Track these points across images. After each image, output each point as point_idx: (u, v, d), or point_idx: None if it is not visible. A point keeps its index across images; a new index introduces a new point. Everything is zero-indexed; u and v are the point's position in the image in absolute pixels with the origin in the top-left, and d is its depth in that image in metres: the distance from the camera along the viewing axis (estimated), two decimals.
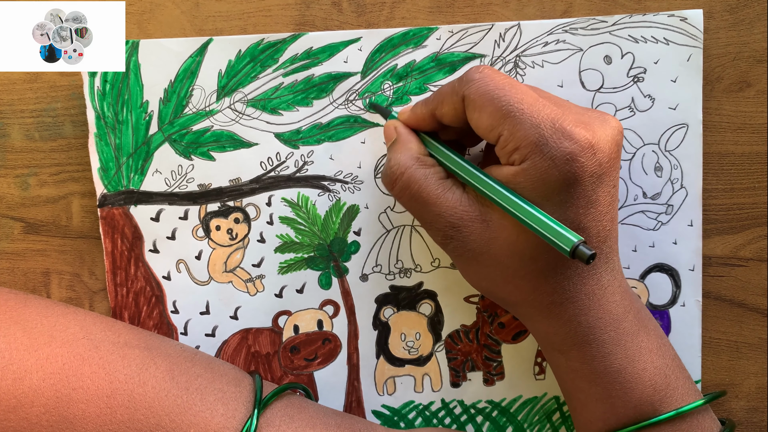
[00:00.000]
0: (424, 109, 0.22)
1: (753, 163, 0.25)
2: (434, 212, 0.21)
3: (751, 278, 0.26)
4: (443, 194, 0.21)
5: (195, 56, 0.24)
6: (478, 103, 0.20)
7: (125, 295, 0.25)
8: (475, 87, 0.20)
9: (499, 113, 0.19)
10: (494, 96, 0.19)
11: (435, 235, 0.21)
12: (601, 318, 0.20)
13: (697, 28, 0.24)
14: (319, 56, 0.24)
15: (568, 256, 0.18)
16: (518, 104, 0.19)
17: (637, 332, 0.21)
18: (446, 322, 0.26)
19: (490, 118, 0.20)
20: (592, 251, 0.17)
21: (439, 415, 0.26)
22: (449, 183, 0.21)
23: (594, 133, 0.19)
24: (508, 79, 0.20)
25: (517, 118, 0.19)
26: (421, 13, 0.25)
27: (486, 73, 0.20)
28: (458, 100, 0.20)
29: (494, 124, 0.20)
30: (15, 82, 0.25)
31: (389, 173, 0.21)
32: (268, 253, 0.25)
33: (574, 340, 0.21)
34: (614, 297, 0.21)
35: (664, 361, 0.21)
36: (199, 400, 0.21)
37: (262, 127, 0.25)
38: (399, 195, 0.21)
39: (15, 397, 0.20)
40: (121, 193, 0.25)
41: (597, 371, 0.21)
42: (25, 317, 0.22)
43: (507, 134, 0.19)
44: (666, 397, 0.20)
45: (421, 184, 0.21)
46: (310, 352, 0.26)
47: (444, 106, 0.21)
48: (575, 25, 0.24)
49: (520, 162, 0.19)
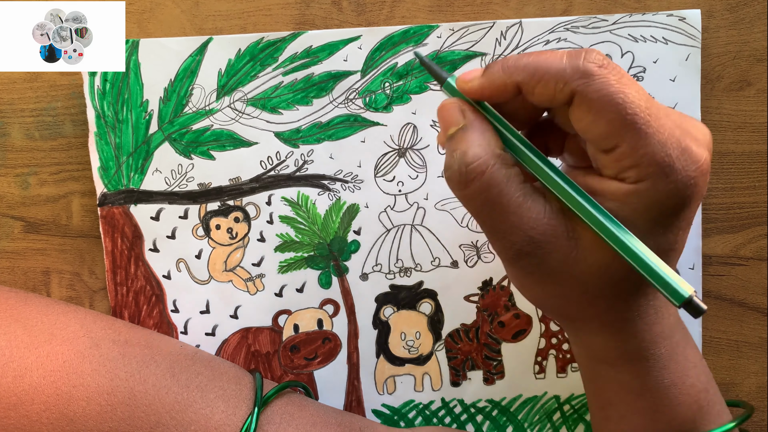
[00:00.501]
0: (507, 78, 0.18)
1: (753, 162, 0.26)
2: (512, 223, 0.18)
3: (752, 277, 0.26)
4: (525, 203, 0.17)
5: (195, 55, 0.24)
6: (596, 105, 0.16)
7: (125, 294, 0.26)
8: (595, 86, 0.16)
9: (620, 122, 0.16)
10: (618, 101, 0.16)
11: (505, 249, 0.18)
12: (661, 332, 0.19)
13: (695, 28, 0.24)
14: (319, 55, 0.25)
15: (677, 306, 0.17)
16: (645, 115, 0.16)
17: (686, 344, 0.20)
18: (446, 321, 0.26)
19: (608, 126, 0.17)
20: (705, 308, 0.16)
21: (439, 415, 0.26)
22: (530, 188, 0.18)
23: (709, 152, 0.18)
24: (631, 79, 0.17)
25: (642, 132, 0.16)
26: (421, 11, 0.25)
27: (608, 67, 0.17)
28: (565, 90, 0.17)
29: (612, 133, 0.17)
30: (15, 81, 0.25)
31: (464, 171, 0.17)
32: (268, 253, 0.26)
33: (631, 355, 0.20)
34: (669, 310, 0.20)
35: (706, 377, 0.20)
36: (199, 398, 0.21)
37: (262, 126, 0.25)
38: (471, 197, 0.18)
39: (15, 395, 0.20)
40: (121, 192, 0.25)
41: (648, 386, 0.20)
42: (26, 315, 0.22)
43: (626, 148, 0.17)
44: (707, 415, 0.20)
45: (502, 188, 0.17)
46: (310, 351, 0.26)
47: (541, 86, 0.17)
48: (576, 24, 0.25)
49: (635, 181, 0.17)
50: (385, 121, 0.25)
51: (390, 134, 0.25)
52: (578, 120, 0.17)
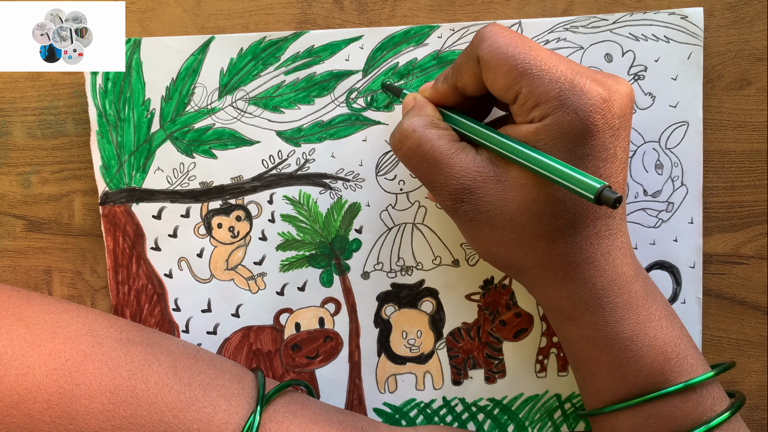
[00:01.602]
0: (446, 84, 0.22)
1: (753, 161, 0.26)
2: (446, 173, 0.20)
3: (752, 276, 0.26)
4: (456, 154, 0.20)
5: (197, 54, 0.25)
6: (493, 63, 0.19)
7: (127, 293, 0.26)
8: (487, 47, 0.20)
9: (515, 71, 0.19)
10: (508, 54, 0.19)
11: (445, 199, 0.21)
12: (614, 280, 0.20)
13: (697, 26, 0.25)
14: (321, 54, 0.25)
15: (593, 201, 0.18)
16: (534, 61, 0.19)
17: (646, 297, 0.21)
18: (447, 319, 0.26)
19: (506, 78, 0.19)
20: (618, 194, 0.17)
21: (440, 413, 0.27)
22: (461, 144, 0.21)
23: (608, 89, 0.20)
24: (518, 35, 0.20)
25: (534, 75, 0.19)
26: (422, 11, 0.25)
27: (496, 30, 0.20)
28: (475, 65, 0.20)
29: (511, 83, 0.19)
30: (17, 80, 0.25)
31: (399, 132, 0.21)
32: (270, 251, 0.26)
33: (587, 305, 0.21)
34: (626, 259, 0.21)
35: (673, 329, 0.21)
36: (201, 396, 0.21)
37: (263, 125, 0.25)
38: (408, 155, 0.21)
39: (18, 393, 0.21)
40: (123, 190, 0.25)
41: (608, 338, 0.21)
42: (28, 314, 0.22)
43: (526, 92, 0.19)
44: (676, 367, 0.20)
45: (432, 143, 0.20)
46: (312, 349, 0.26)
47: (464, 75, 0.21)
48: (576, 23, 0.25)
49: (540, 119, 0.19)
50: (386, 120, 0.26)
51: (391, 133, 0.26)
52: (487, 81, 0.20)
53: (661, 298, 0.22)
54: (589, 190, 0.18)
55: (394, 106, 0.26)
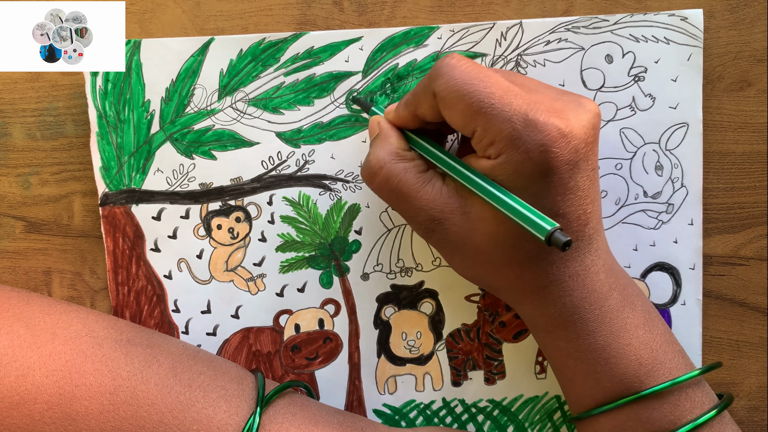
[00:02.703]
0: (406, 111, 0.22)
1: (753, 162, 0.26)
2: (415, 205, 0.21)
3: (752, 277, 0.27)
4: (422, 187, 0.21)
5: (196, 55, 0.25)
6: (448, 100, 0.20)
7: (126, 294, 0.26)
8: (443, 83, 0.20)
9: (470, 110, 0.20)
10: (463, 92, 0.20)
11: (417, 228, 0.22)
12: (585, 298, 0.21)
13: (697, 28, 0.25)
14: (321, 55, 0.25)
15: (545, 243, 0.18)
16: (488, 99, 0.19)
17: (621, 308, 0.21)
18: (447, 321, 0.27)
19: (462, 115, 0.20)
20: (567, 238, 0.18)
21: (440, 414, 0.27)
22: (429, 176, 0.22)
23: (567, 121, 0.20)
24: (476, 68, 0.20)
25: (488, 114, 0.19)
26: (422, 12, 0.26)
27: (452, 64, 0.20)
28: (432, 98, 0.21)
29: (466, 122, 0.20)
30: (17, 81, 0.26)
31: (368, 168, 0.22)
32: (270, 252, 0.26)
33: (558, 321, 0.21)
34: (598, 276, 0.21)
35: (651, 336, 0.21)
36: (201, 397, 0.22)
37: (263, 126, 0.26)
38: (379, 189, 0.22)
39: (18, 394, 0.21)
40: (123, 192, 0.26)
41: (581, 349, 0.21)
42: (28, 315, 0.23)
43: (480, 131, 0.20)
44: (653, 371, 0.21)
45: (400, 178, 0.21)
46: (311, 351, 0.27)
47: (421, 106, 0.21)
48: (577, 24, 0.25)
49: (496, 156, 0.20)
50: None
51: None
52: (445, 116, 0.21)
53: (642, 305, 0.22)
54: (541, 231, 0.18)
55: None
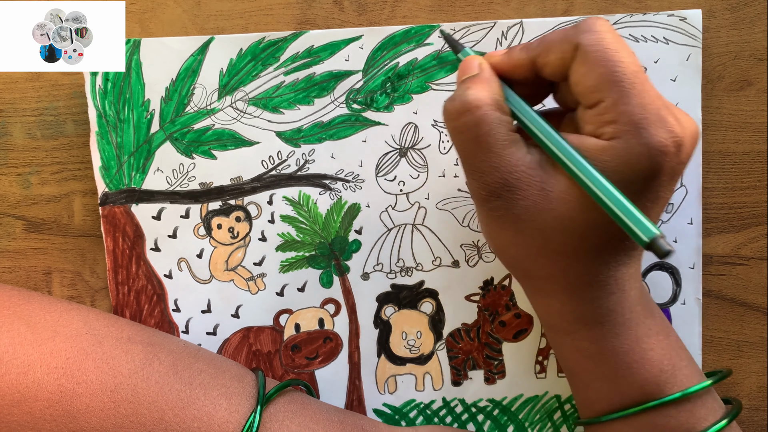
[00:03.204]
0: (523, 55, 0.20)
1: (753, 162, 0.27)
2: (492, 163, 0.20)
3: (752, 277, 0.27)
4: (509, 147, 0.20)
5: (196, 55, 0.26)
6: (591, 57, 0.19)
7: (126, 294, 0.27)
8: (594, 38, 0.19)
9: (609, 77, 0.18)
10: (611, 58, 0.18)
11: (480, 188, 0.20)
12: (619, 302, 0.21)
13: (696, 28, 0.26)
14: (321, 55, 0.26)
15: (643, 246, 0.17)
16: (633, 76, 0.18)
17: (646, 315, 0.21)
18: (447, 320, 0.27)
19: (597, 79, 0.19)
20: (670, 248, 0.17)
21: (440, 414, 0.28)
22: (517, 137, 0.20)
23: (685, 131, 0.19)
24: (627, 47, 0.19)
25: (626, 91, 0.18)
26: (422, 11, 0.26)
27: (608, 27, 0.19)
28: (570, 49, 0.19)
29: (599, 87, 0.19)
30: (17, 81, 0.26)
31: (461, 102, 0.20)
32: (270, 252, 0.27)
33: (586, 321, 0.21)
34: (635, 284, 0.21)
35: (669, 342, 0.22)
36: (202, 395, 0.22)
37: (263, 125, 0.26)
38: (461, 130, 0.20)
39: (19, 392, 0.21)
40: (123, 191, 0.26)
41: (605, 352, 0.21)
42: (29, 313, 0.23)
43: (609, 103, 0.19)
44: (672, 378, 0.21)
45: (492, 127, 0.19)
46: (311, 350, 0.27)
47: (551, 53, 0.20)
48: None
49: (610, 137, 0.19)
50: (386, 121, 0.26)
51: (391, 134, 0.26)
52: (575, 72, 0.19)
53: (659, 313, 0.22)
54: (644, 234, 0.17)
55: (395, 107, 0.26)
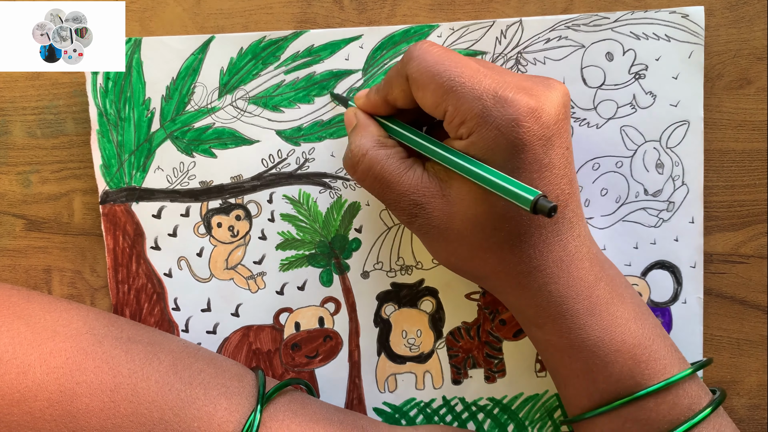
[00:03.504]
0: (377, 96, 0.23)
1: (753, 160, 0.27)
2: (397, 191, 0.22)
3: (752, 275, 0.27)
4: (404, 173, 0.22)
5: (197, 54, 0.26)
6: (420, 81, 0.21)
7: (126, 292, 0.27)
8: (415, 65, 0.21)
9: (441, 89, 0.20)
10: (434, 72, 0.20)
11: (400, 215, 0.22)
12: (571, 286, 0.21)
13: (698, 25, 0.26)
14: (321, 54, 0.26)
15: (529, 211, 0.19)
16: (458, 78, 0.20)
17: (610, 300, 0.22)
18: (447, 319, 0.27)
19: (433, 96, 0.21)
20: (553, 203, 0.18)
21: (440, 413, 0.28)
22: (410, 162, 0.22)
23: (537, 97, 0.20)
24: (447, 52, 0.21)
25: (458, 93, 0.20)
26: (422, 10, 0.26)
27: (424, 48, 0.21)
28: (404, 81, 0.22)
29: (438, 101, 0.21)
30: (17, 79, 0.26)
31: (350, 156, 0.23)
32: (270, 251, 0.27)
33: (547, 312, 0.22)
34: (583, 264, 0.21)
35: (643, 330, 0.21)
36: (202, 395, 0.22)
37: (263, 124, 0.26)
38: (362, 178, 0.23)
39: (19, 391, 0.22)
40: (123, 190, 0.26)
41: (574, 345, 0.21)
42: (29, 312, 0.23)
43: (452, 109, 0.20)
44: (647, 369, 0.21)
45: (383, 164, 0.22)
46: (312, 349, 0.27)
47: (393, 90, 0.22)
48: (577, 22, 0.26)
49: (467, 135, 0.21)
50: None
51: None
52: (417, 99, 0.22)
53: (631, 298, 0.22)
54: (524, 200, 0.19)
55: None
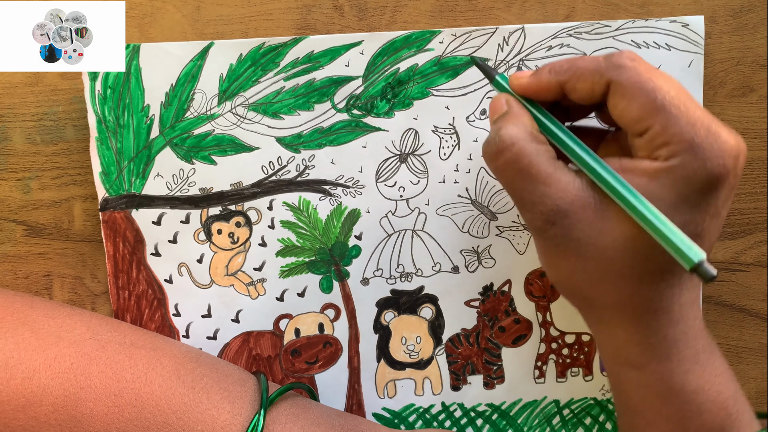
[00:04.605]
0: (552, 78, 0.22)
1: (754, 169, 0.28)
2: (542, 192, 0.21)
3: (752, 283, 0.29)
4: (555, 173, 0.21)
5: (196, 60, 0.27)
6: (629, 91, 0.20)
7: (127, 298, 0.28)
8: (628, 74, 0.20)
9: (651, 105, 0.20)
10: (648, 87, 0.20)
11: (535, 219, 0.21)
12: (685, 332, 0.21)
13: (698, 35, 0.27)
14: (321, 60, 0.27)
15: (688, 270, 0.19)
16: (674, 100, 0.20)
17: (712, 351, 0.22)
18: (447, 325, 0.29)
19: (640, 110, 0.20)
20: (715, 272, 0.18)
21: (439, 418, 0.29)
22: (561, 164, 0.21)
23: (739, 142, 0.20)
24: (657, 70, 0.21)
25: (671, 114, 0.20)
26: (422, 17, 0.27)
27: (639, 61, 0.21)
28: (602, 82, 0.21)
29: (644, 116, 0.20)
30: (16, 85, 0.27)
31: (497, 143, 0.21)
32: (270, 257, 0.28)
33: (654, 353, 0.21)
34: (698, 312, 0.22)
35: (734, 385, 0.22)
36: (205, 399, 0.24)
37: (263, 131, 0.28)
38: (502, 168, 0.22)
39: (24, 396, 0.23)
40: (123, 197, 0.28)
41: (674, 389, 0.21)
42: (32, 318, 0.25)
43: (658, 128, 0.20)
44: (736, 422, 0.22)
45: (532, 159, 0.21)
46: (311, 355, 0.29)
47: (581, 82, 0.21)
48: (580, 29, 0.27)
49: (666, 158, 0.20)
50: (386, 127, 0.28)
51: (391, 139, 0.28)
52: (614, 107, 0.21)
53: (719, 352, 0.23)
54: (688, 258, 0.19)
55: (395, 113, 0.28)
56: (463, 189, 0.28)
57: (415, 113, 0.28)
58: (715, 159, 0.20)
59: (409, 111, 0.28)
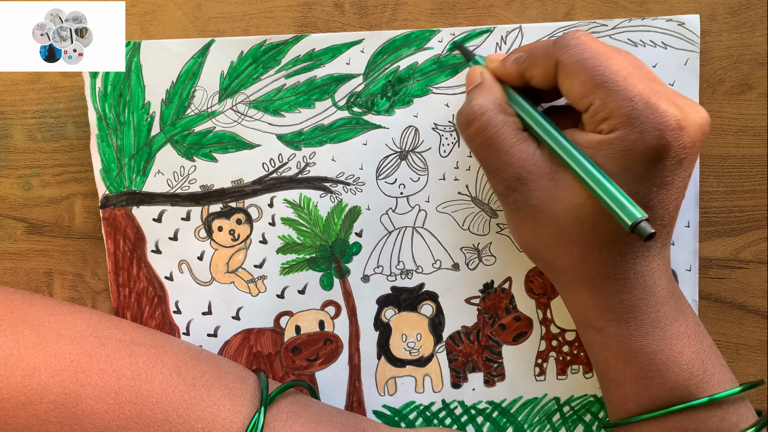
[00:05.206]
0: (514, 67, 0.24)
1: (754, 166, 0.29)
2: (504, 160, 0.23)
3: (751, 280, 0.29)
4: (517, 144, 0.23)
5: (197, 57, 0.28)
6: (572, 70, 0.22)
7: (128, 296, 0.29)
8: (569, 53, 0.22)
9: (592, 82, 0.21)
10: (589, 65, 0.21)
11: (498, 185, 0.24)
12: (643, 299, 0.23)
13: (694, 33, 0.28)
14: (321, 58, 0.28)
15: (628, 229, 0.20)
16: (613, 75, 0.21)
17: (676, 317, 0.23)
18: (447, 323, 0.30)
19: (582, 87, 0.22)
20: (652, 231, 0.20)
21: (439, 416, 0.30)
22: (524, 135, 0.23)
23: (685, 115, 0.21)
24: (605, 47, 0.22)
25: (610, 89, 0.21)
26: (423, 15, 0.28)
27: (582, 39, 0.22)
28: (551, 65, 0.23)
29: (586, 93, 0.22)
30: (17, 83, 0.28)
31: (467, 113, 0.23)
32: (270, 254, 0.29)
33: (612, 317, 0.23)
34: (660, 281, 0.23)
35: (701, 347, 0.23)
36: (205, 396, 0.24)
37: (264, 128, 0.28)
38: (472, 137, 0.23)
39: (24, 394, 0.23)
40: (123, 194, 0.28)
41: (633, 350, 0.23)
42: (33, 316, 0.25)
43: (598, 104, 0.22)
44: (702, 383, 0.23)
45: (498, 129, 0.23)
46: (312, 352, 0.29)
47: (535, 68, 0.23)
48: (576, 28, 0.28)
49: (608, 132, 0.22)
50: (386, 124, 0.28)
51: (392, 137, 0.28)
52: (562, 86, 0.23)
53: (692, 317, 0.24)
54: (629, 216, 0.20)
55: (395, 110, 0.28)
56: (464, 186, 0.29)
57: (415, 111, 0.28)
58: (652, 131, 0.21)
59: (410, 108, 0.28)
